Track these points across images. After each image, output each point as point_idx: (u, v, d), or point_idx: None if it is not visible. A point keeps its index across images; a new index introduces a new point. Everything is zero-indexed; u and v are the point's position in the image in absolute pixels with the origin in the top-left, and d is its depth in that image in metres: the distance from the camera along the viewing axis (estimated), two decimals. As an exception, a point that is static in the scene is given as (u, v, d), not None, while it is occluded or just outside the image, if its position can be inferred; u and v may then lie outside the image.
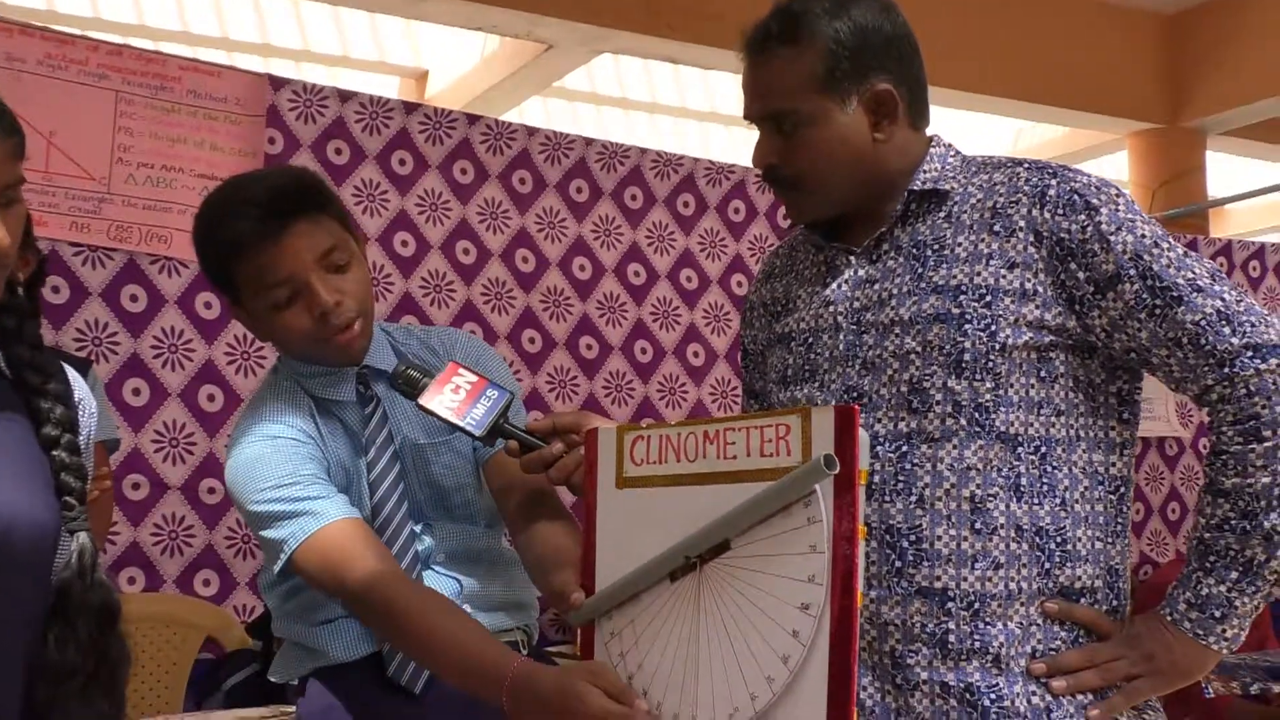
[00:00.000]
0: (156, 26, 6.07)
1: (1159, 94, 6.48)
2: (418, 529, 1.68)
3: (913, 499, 1.40)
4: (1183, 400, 4.58)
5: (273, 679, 1.78)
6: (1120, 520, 1.46)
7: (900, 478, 1.40)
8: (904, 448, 1.41)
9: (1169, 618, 1.39)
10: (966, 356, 1.39)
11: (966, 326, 1.40)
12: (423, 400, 1.49)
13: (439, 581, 1.66)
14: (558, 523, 1.62)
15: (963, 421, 1.39)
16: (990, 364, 1.39)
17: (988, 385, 1.39)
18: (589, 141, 3.84)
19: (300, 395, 1.67)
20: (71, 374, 1.35)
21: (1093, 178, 1.44)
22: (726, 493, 1.22)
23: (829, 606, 1.13)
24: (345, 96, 3.46)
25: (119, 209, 3.09)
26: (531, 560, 1.61)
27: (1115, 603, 1.44)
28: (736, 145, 6.83)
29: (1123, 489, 1.46)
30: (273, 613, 1.74)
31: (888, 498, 1.41)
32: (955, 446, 1.39)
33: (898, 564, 1.39)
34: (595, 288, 3.79)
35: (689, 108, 7.30)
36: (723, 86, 6.77)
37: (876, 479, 1.41)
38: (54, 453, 1.25)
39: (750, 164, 1.57)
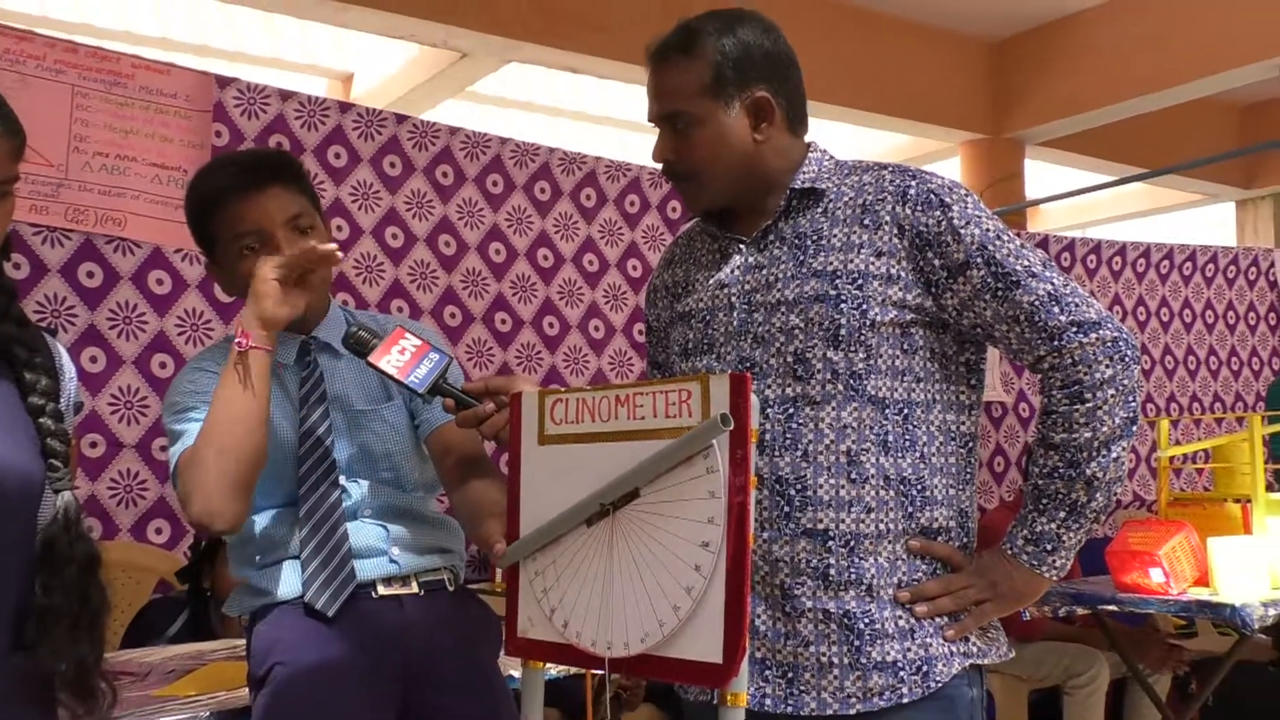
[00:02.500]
0: (101, 26, 5.82)
1: (986, 109, 6.64)
2: (344, 481, 1.65)
3: (798, 453, 1.42)
4: (1006, 370, 4.74)
5: (225, 612, 1.77)
6: (968, 470, 1.50)
7: (788, 436, 1.43)
8: (790, 410, 1.44)
9: (1009, 551, 1.45)
10: (842, 331, 1.42)
11: (842, 305, 1.43)
12: (372, 359, 1.47)
13: (366, 529, 1.65)
14: (488, 479, 1.62)
15: (840, 387, 1.42)
16: (862, 337, 1.42)
17: (860, 355, 1.42)
18: (504, 140, 3.81)
19: None
20: (54, 344, 1.32)
21: (945, 179, 1.49)
22: (636, 448, 1.23)
23: (725, 544, 1.14)
24: (285, 96, 3.37)
25: (76, 194, 2.97)
26: (464, 512, 1.61)
27: (965, 540, 1.49)
28: (629, 146, 6.82)
29: (970, 444, 1.51)
30: (231, 567, 1.72)
31: (777, 453, 1.43)
32: (834, 408, 1.42)
33: (786, 509, 1.42)
34: (509, 269, 3.77)
35: (587, 112, 7.27)
36: (617, 94, 6.75)
37: (767, 437, 1.44)
38: (40, 420, 1.22)
39: (644, 163, 1.59)
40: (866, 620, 1.40)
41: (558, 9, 5.15)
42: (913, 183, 1.46)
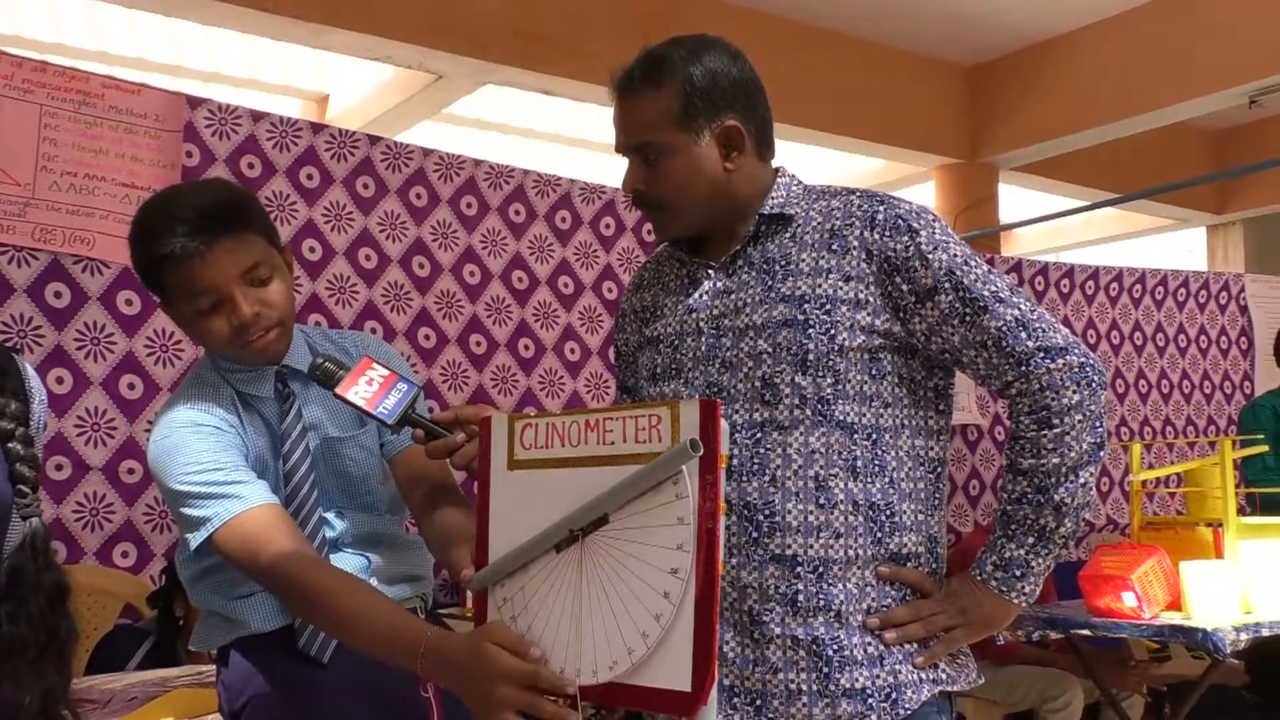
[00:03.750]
0: (75, 45, 5.78)
1: (960, 134, 6.69)
2: (329, 515, 1.64)
3: (766, 479, 1.41)
4: (982, 393, 4.76)
5: (193, 648, 1.72)
6: (938, 495, 1.50)
7: (756, 461, 1.42)
8: (758, 435, 1.43)
9: (978, 577, 1.45)
10: (810, 356, 1.41)
11: (810, 330, 1.42)
12: (339, 390, 1.45)
13: (349, 560, 1.63)
14: (458, 507, 1.59)
15: (808, 412, 1.41)
16: (831, 363, 1.41)
17: (829, 381, 1.41)
18: (478, 162, 3.80)
19: (223, 387, 1.62)
20: (23, 366, 1.29)
21: (914, 205, 1.48)
22: (605, 474, 1.22)
23: (694, 571, 1.13)
24: (257, 116, 3.35)
25: (43, 213, 2.94)
26: (433, 539, 1.59)
27: (935, 565, 1.48)
28: (605, 169, 6.84)
29: (939, 469, 1.50)
30: (188, 586, 1.66)
31: (745, 478, 1.42)
32: (802, 433, 1.41)
33: (754, 534, 1.41)
34: (484, 291, 3.76)
35: (562, 134, 7.28)
36: (593, 116, 6.77)
37: (735, 462, 1.43)
38: (9, 445, 1.20)
39: (619, 185, 1.58)
40: (835, 647, 1.39)
41: (534, 32, 5.16)
42: (880, 208, 1.46)
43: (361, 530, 1.66)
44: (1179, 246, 9.22)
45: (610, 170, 6.74)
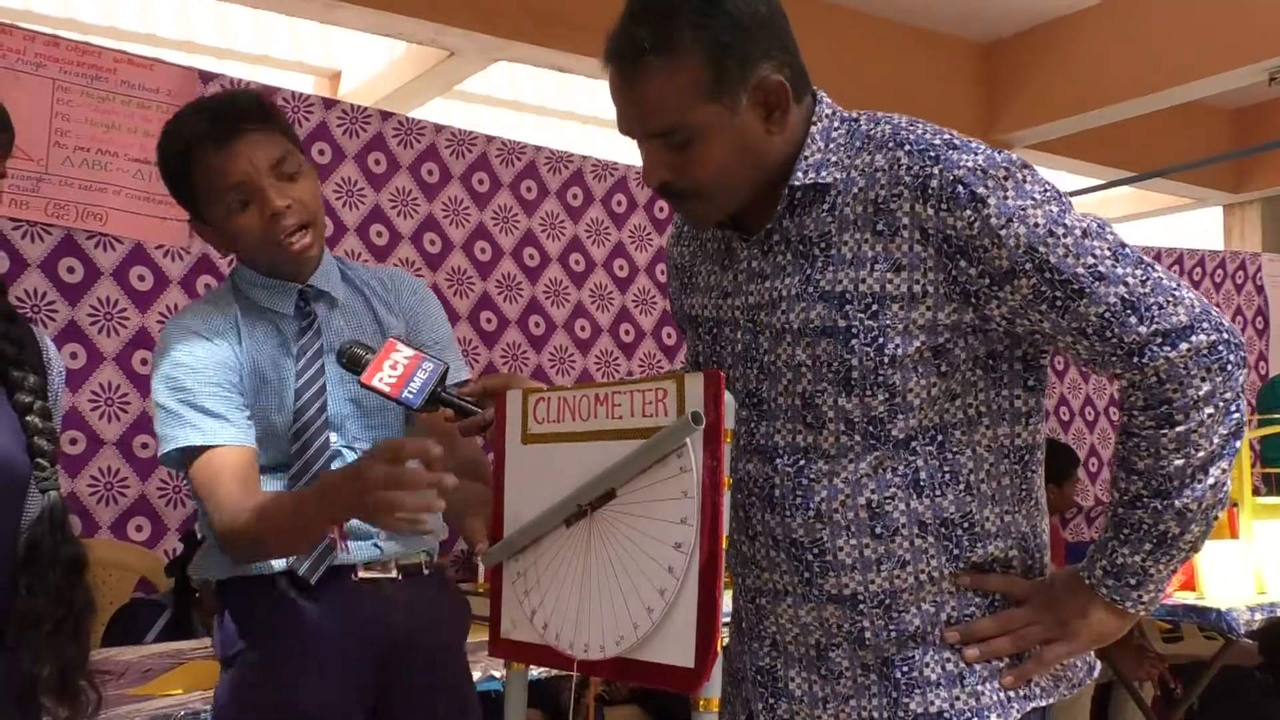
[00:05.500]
0: (86, 21, 5.77)
1: (974, 111, 6.64)
2: (341, 448, 1.60)
3: (811, 513, 1.22)
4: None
5: (191, 574, 1.72)
6: (1025, 487, 1.25)
7: (798, 492, 1.23)
8: (801, 462, 1.23)
9: (1086, 582, 1.22)
10: (855, 374, 1.18)
11: (853, 342, 1.18)
12: (364, 379, 1.40)
13: None
14: (479, 480, 1.56)
15: (856, 438, 1.20)
16: (881, 378, 1.18)
17: (880, 399, 1.18)
18: (490, 139, 3.80)
19: (229, 299, 1.62)
20: (43, 339, 1.30)
21: (979, 157, 1.16)
22: (614, 448, 1.21)
23: (698, 545, 1.12)
24: (269, 91, 3.36)
25: (56, 188, 2.96)
26: (451, 505, 1.58)
27: (1030, 564, 1.25)
28: (617, 146, 6.82)
29: (1027, 457, 1.25)
30: (200, 524, 1.64)
31: (788, 512, 1.23)
32: (851, 461, 1.21)
33: (806, 574, 1.24)
34: (495, 268, 3.76)
35: (575, 111, 7.25)
36: (605, 93, 6.74)
37: (777, 493, 1.25)
38: (27, 418, 1.20)
39: (631, 162, 1.51)
40: (906, 667, 1.21)
41: (546, 8, 5.13)
42: (934, 170, 1.15)
43: None
44: (1195, 225, 9.15)
45: (622, 147, 6.71)
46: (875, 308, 1.17)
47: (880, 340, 1.17)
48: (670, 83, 1.18)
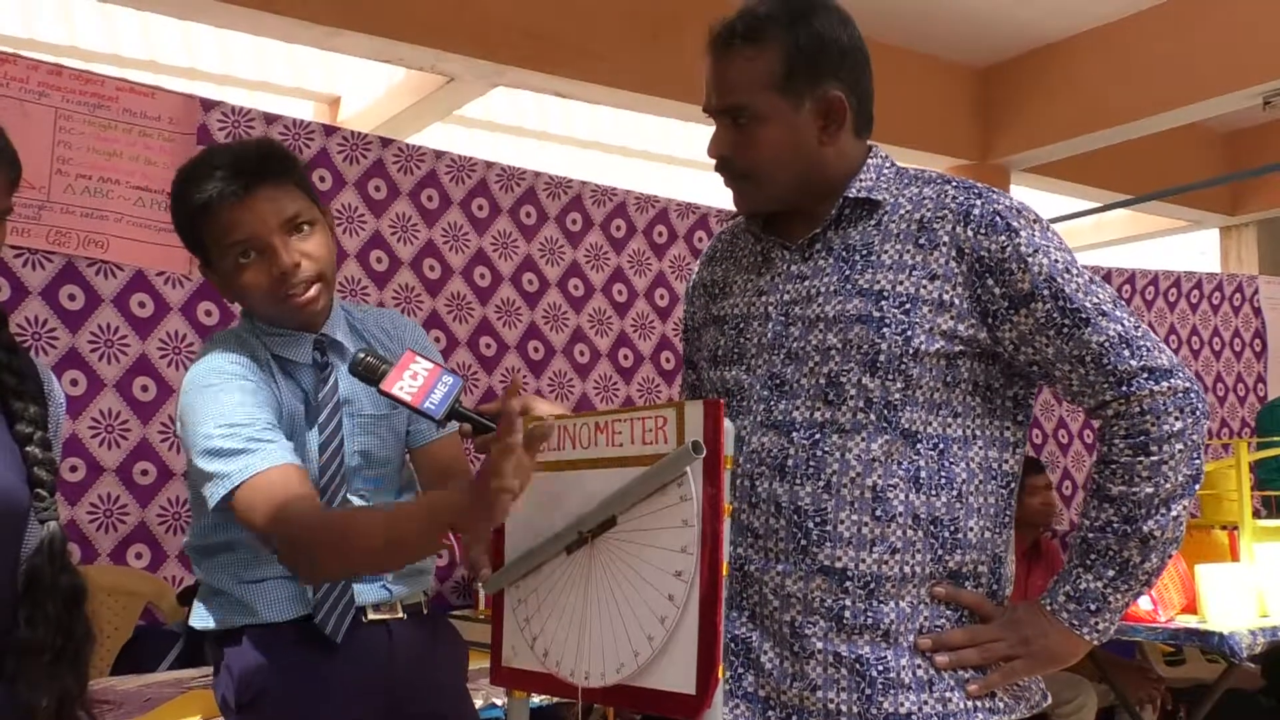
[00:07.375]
0: (87, 48, 5.81)
1: (972, 135, 6.66)
2: (351, 498, 1.60)
3: (820, 484, 1.32)
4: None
5: (193, 624, 1.62)
6: (1007, 512, 1.39)
7: (811, 463, 1.33)
8: (817, 436, 1.33)
9: (1048, 607, 1.34)
10: (882, 358, 1.32)
11: (885, 330, 1.32)
12: (383, 385, 1.39)
13: None
14: None
15: (872, 416, 1.32)
16: (903, 366, 1.31)
17: (898, 385, 1.32)
18: (489, 164, 3.82)
19: (259, 345, 1.59)
20: (44, 370, 1.30)
21: (1014, 200, 1.37)
22: (614, 476, 1.22)
23: (699, 573, 1.13)
24: (270, 119, 3.38)
25: (58, 216, 2.97)
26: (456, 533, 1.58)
27: (996, 587, 1.38)
28: (616, 171, 6.84)
29: (1011, 484, 1.39)
30: (200, 558, 1.61)
31: (799, 481, 1.33)
32: (864, 439, 1.32)
33: (803, 542, 1.32)
34: (494, 294, 3.77)
35: (574, 136, 7.28)
36: (605, 119, 6.77)
37: (790, 463, 1.34)
38: (27, 448, 1.20)
39: (630, 187, 1.54)
40: (880, 668, 1.30)
41: (546, 34, 5.16)
42: (977, 201, 1.34)
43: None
44: (1192, 248, 9.18)
45: (622, 173, 6.74)
46: (908, 306, 1.32)
47: (909, 333, 1.32)
48: (748, 67, 1.37)
